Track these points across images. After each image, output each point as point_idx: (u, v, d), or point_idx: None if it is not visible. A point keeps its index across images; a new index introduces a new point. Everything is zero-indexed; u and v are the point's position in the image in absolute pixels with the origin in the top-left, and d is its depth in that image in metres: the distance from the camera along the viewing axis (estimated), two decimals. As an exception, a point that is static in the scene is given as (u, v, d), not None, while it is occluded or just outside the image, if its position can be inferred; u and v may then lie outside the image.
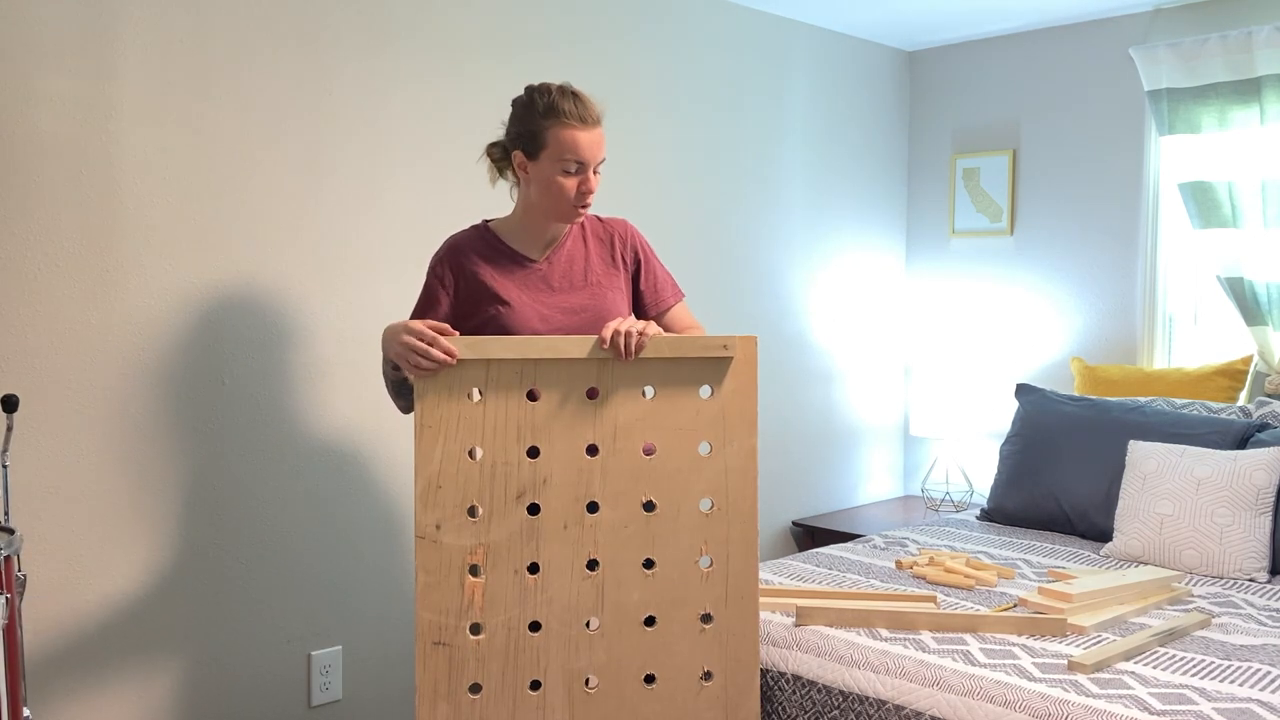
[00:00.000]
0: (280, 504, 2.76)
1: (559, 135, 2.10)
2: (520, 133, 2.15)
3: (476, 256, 2.21)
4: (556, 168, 2.12)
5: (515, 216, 2.25)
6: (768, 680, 2.35)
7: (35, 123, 2.34)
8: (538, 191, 2.16)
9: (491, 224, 2.27)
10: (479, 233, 2.25)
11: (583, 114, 2.12)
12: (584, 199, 2.15)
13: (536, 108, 2.13)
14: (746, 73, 3.84)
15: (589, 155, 2.12)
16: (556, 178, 2.12)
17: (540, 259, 2.24)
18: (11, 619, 1.89)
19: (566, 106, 2.11)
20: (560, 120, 2.10)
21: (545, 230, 2.23)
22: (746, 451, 2.04)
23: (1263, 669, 2.18)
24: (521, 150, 2.15)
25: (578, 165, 2.12)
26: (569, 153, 2.10)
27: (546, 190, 2.14)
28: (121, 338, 2.49)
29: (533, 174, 2.15)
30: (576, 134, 2.10)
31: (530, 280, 2.21)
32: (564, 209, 2.16)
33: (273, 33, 2.68)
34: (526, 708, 1.97)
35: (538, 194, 2.16)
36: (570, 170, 2.12)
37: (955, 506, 4.21)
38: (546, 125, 2.11)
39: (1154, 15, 3.82)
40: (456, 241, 2.24)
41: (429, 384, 1.95)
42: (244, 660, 2.71)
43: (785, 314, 4.04)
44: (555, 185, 2.13)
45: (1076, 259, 4.06)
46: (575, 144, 2.11)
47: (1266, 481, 2.94)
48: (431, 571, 1.94)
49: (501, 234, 2.25)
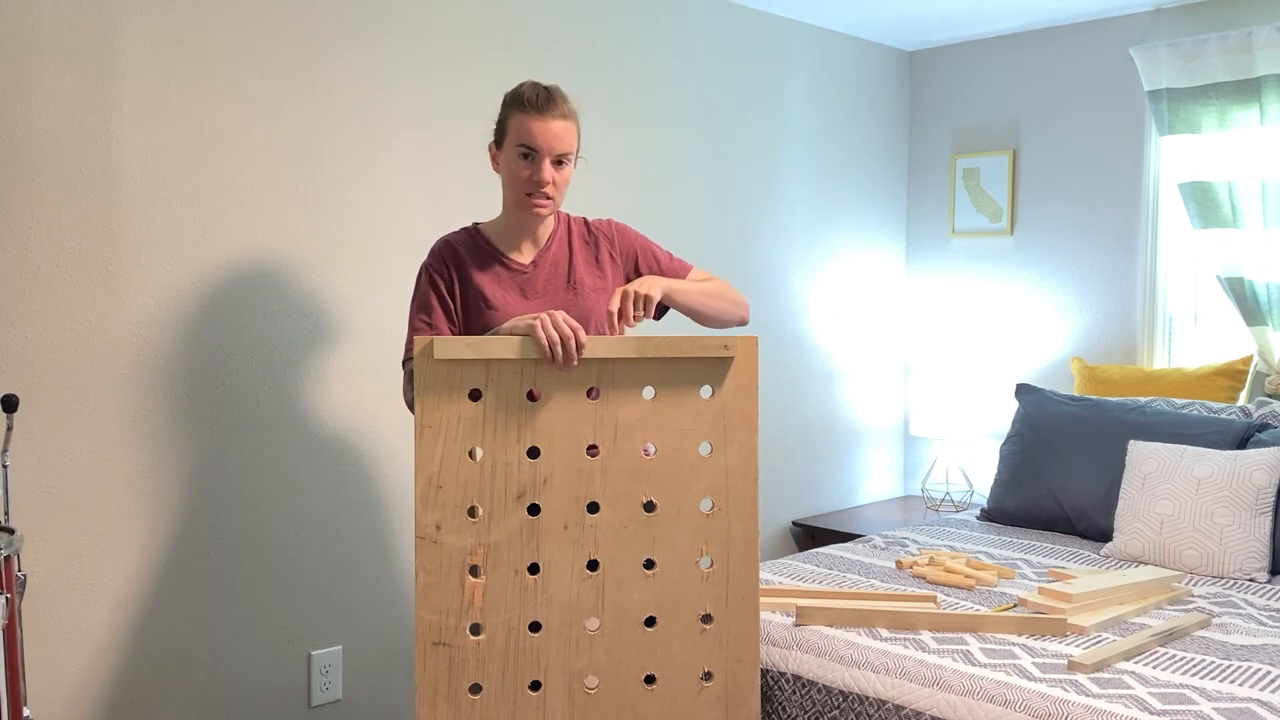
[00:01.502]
0: (281, 504, 2.76)
1: (517, 122, 2.15)
2: (496, 126, 2.22)
3: (467, 258, 2.23)
4: (514, 154, 2.16)
5: (501, 219, 2.28)
6: (768, 680, 2.35)
7: (35, 123, 2.34)
8: (504, 181, 2.22)
9: (481, 226, 2.29)
10: (469, 234, 2.27)
11: (542, 104, 2.14)
12: (536, 188, 2.15)
13: (505, 100, 2.20)
14: (746, 73, 3.84)
15: (542, 143, 2.13)
16: (513, 165, 2.16)
17: (526, 262, 2.25)
18: (11, 619, 1.89)
19: (528, 96, 2.15)
20: (519, 108, 2.15)
21: (526, 229, 2.24)
22: (747, 451, 2.04)
23: (1263, 669, 2.18)
24: (494, 142, 2.22)
25: (530, 151, 2.14)
26: (524, 138, 2.13)
27: (509, 181, 2.19)
28: (121, 337, 2.49)
29: (501, 165, 2.21)
30: (531, 122, 2.13)
31: (515, 283, 2.23)
32: (520, 198, 2.18)
33: (272, 33, 2.68)
34: (527, 708, 1.97)
35: (504, 184, 2.22)
36: (525, 155, 2.15)
37: (955, 506, 4.21)
38: (509, 114, 2.17)
39: (1154, 15, 3.82)
40: (449, 242, 2.26)
41: (429, 384, 1.95)
42: (244, 660, 2.71)
43: (785, 314, 4.04)
44: (514, 175, 2.17)
45: (1076, 259, 4.06)
46: (529, 130, 2.13)
47: (1266, 481, 2.94)
48: (432, 572, 1.94)
49: (489, 236, 2.26)
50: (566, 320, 1.96)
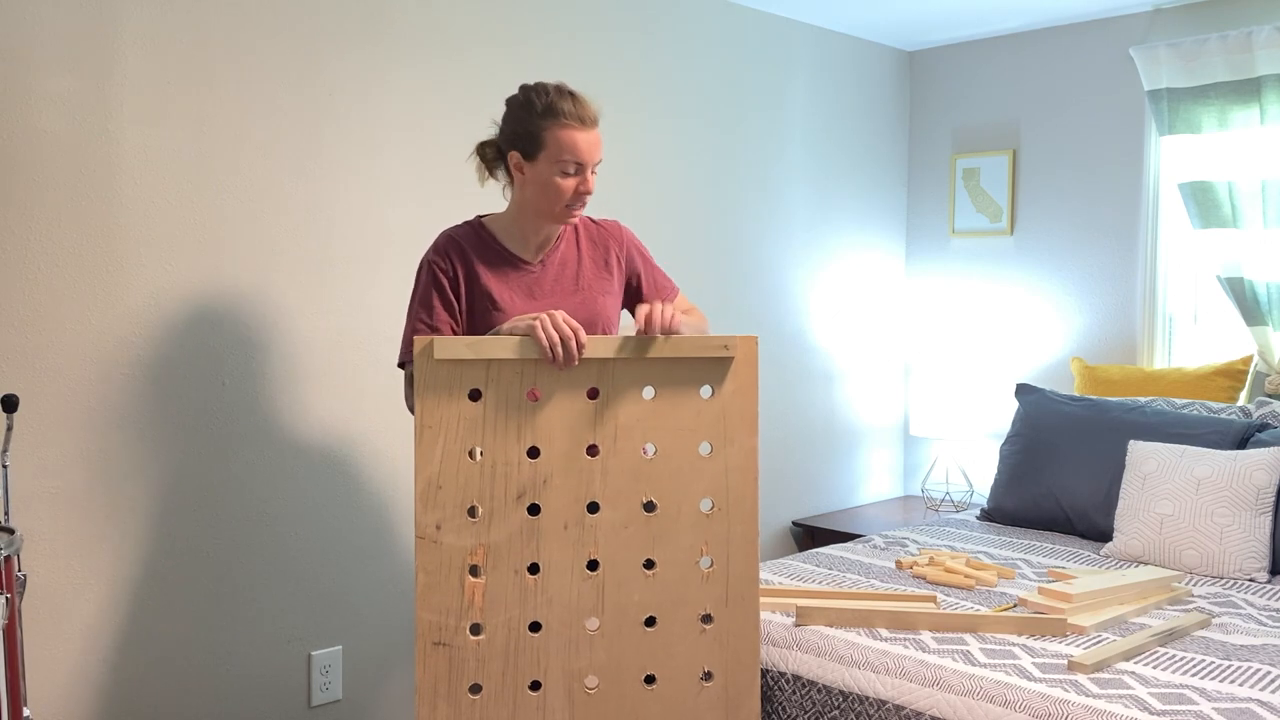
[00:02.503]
0: (280, 504, 2.76)
1: (558, 136, 2.08)
2: (517, 133, 2.13)
3: (473, 254, 2.18)
4: (555, 169, 2.10)
5: (509, 216, 2.23)
6: (768, 680, 2.35)
7: (35, 123, 2.34)
8: (534, 192, 2.14)
9: (485, 221, 2.24)
10: (474, 230, 2.22)
11: (581, 114, 2.10)
12: (580, 200, 2.14)
13: (534, 108, 2.11)
14: (746, 73, 3.84)
15: (587, 156, 2.11)
16: (554, 179, 2.10)
17: (534, 261, 2.22)
18: (11, 619, 1.89)
19: (565, 107, 2.09)
20: (559, 121, 2.08)
21: (539, 231, 2.21)
22: (747, 451, 2.04)
23: (1263, 669, 2.18)
24: (519, 151, 2.13)
25: (576, 166, 2.11)
26: (568, 154, 2.09)
27: (543, 191, 2.13)
28: (121, 338, 2.49)
29: (529, 175, 2.13)
30: (575, 135, 2.09)
31: (523, 283, 2.20)
32: (559, 210, 2.15)
33: (272, 33, 2.68)
34: (526, 708, 1.97)
35: (534, 195, 2.14)
36: (569, 171, 2.10)
37: (955, 506, 4.21)
38: (545, 126, 2.09)
39: (1154, 15, 3.82)
40: (454, 237, 2.20)
41: (429, 384, 1.95)
42: (244, 660, 2.71)
43: (785, 314, 4.04)
44: (553, 186, 2.11)
45: (1076, 259, 4.06)
46: (574, 145, 2.09)
47: (1266, 481, 2.94)
48: (432, 572, 1.94)
49: (496, 232, 2.22)
50: (566, 320, 1.96)
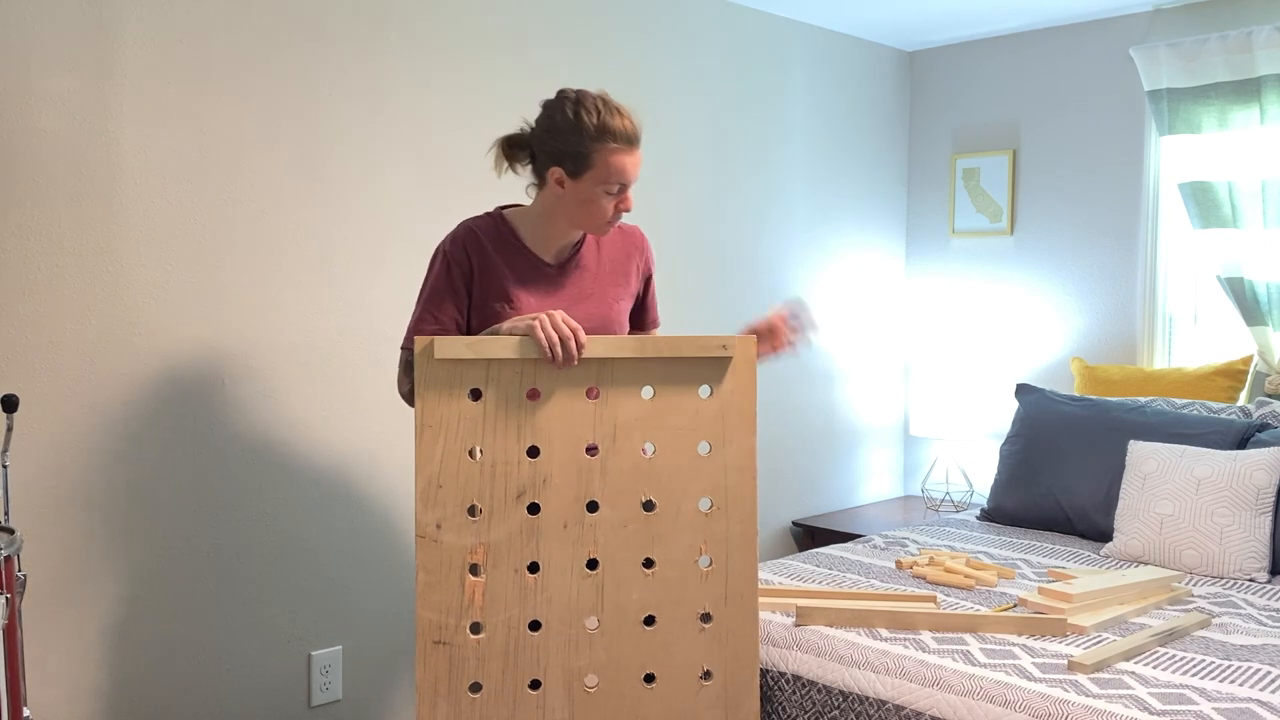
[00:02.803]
0: (280, 504, 2.76)
1: (608, 160, 2.06)
2: (564, 151, 2.07)
3: (492, 248, 2.15)
4: (599, 190, 2.08)
5: (534, 216, 2.19)
6: (768, 680, 2.35)
7: (35, 123, 2.34)
8: (573, 206, 2.11)
9: (508, 215, 2.20)
10: (495, 223, 2.18)
11: (630, 136, 2.08)
12: (619, 216, 2.15)
13: (585, 129, 2.05)
14: (746, 73, 3.84)
15: (633, 178, 2.10)
16: (598, 199, 2.09)
17: (553, 263, 2.20)
18: (11, 619, 1.89)
19: (615, 127, 2.06)
20: (610, 144, 2.05)
21: (564, 235, 2.19)
22: (746, 451, 2.04)
23: (1263, 669, 2.18)
24: (563, 168, 2.09)
25: (620, 187, 2.10)
26: (616, 177, 2.07)
27: (583, 207, 2.10)
28: (121, 338, 2.49)
29: (570, 190, 2.10)
30: (624, 159, 2.07)
31: (540, 284, 2.18)
32: (598, 225, 2.14)
33: (272, 32, 2.68)
34: (526, 707, 1.97)
35: (573, 209, 2.12)
36: (613, 192, 2.09)
37: (955, 506, 4.21)
38: (595, 149, 2.05)
39: (1154, 15, 3.82)
40: (474, 228, 2.17)
41: (429, 384, 1.95)
42: (244, 660, 2.71)
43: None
44: (595, 205, 2.10)
45: (1076, 259, 4.06)
46: (623, 169, 2.08)
47: (1266, 481, 2.94)
48: (432, 571, 1.94)
49: (517, 228, 2.19)
50: (566, 320, 1.96)
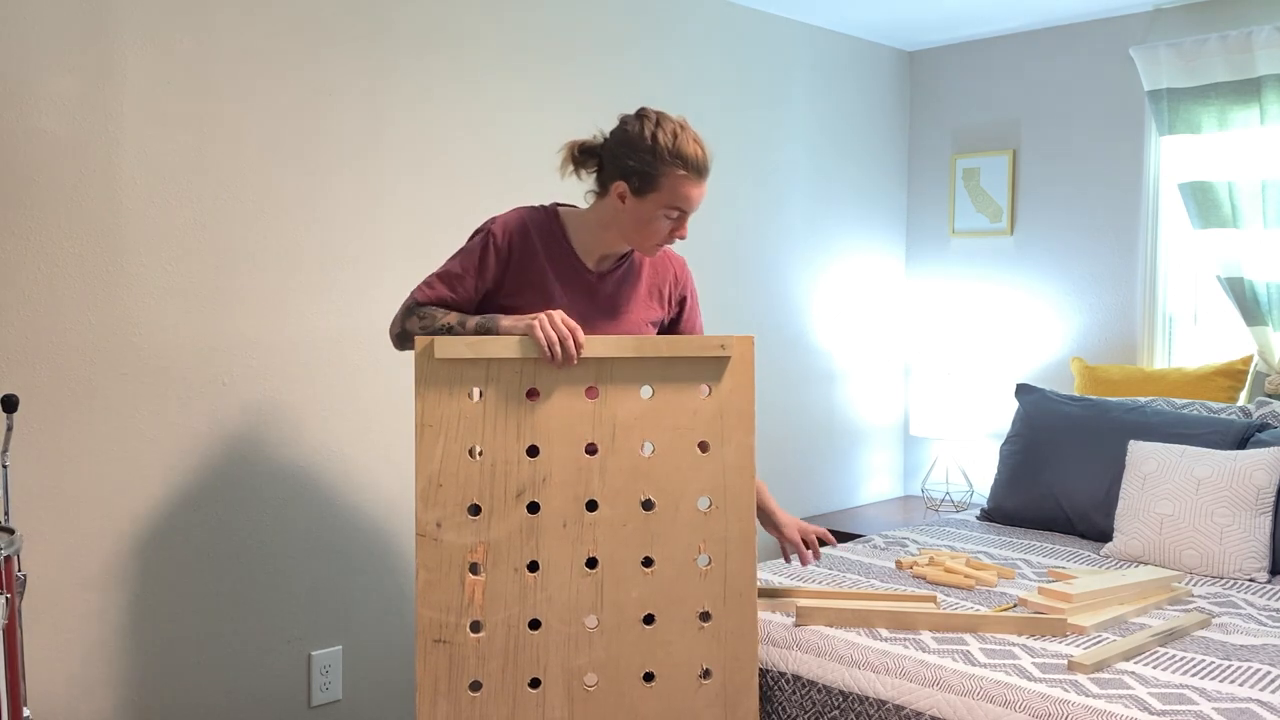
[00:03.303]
0: (280, 504, 2.76)
1: (676, 186, 2.09)
2: (633, 168, 2.09)
3: (539, 241, 2.17)
4: (660, 212, 2.11)
5: (586, 222, 2.21)
6: (767, 680, 2.35)
7: (35, 123, 2.35)
8: (630, 223, 2.14)
9: (561, 213, 2.22)
10: (549, 219, 2.20)
11: (701, 166, 2.11)
12: (671, 242, 2.18)
13: (659, 149, 2.08)
14: (746, 73, 3.84)
15: (695, 206, 2.14)
16: (656, 220, 2.12)
17: (594, 270, 2.22)
18: (11, 619, 1.89)
19: (689, 153, 2.09)
20: (680, 170, 2.09)
21: (611, 247, 2.21)
22: (744, 450, 2.04)
23: (1263, 669, 2.18)
24: (628, 184, 2.11)
25: (680, 214, 2.13)
26: (680, 203, 2.10)
27: (640, 225, 2.13)
28: (121, 338, 2.49)
29: (630, 207, 2.12)
30: (691, 188, 2.10)
31: (577, 290, 2.20)
32: (649, 246, 2.17)
33: (273, 32, 2.68)
34: (526, 706, 1.97)
35: (629, 225, 2.14)
36: (672, 216, 2.12)
37: (955, 506, 4.21)
38: (665, 170, 2.08)
39: (1154, 15, 3.83)
40: (527, 218, 2.19)
41: (429, 383, 1.95)
42: (244, 660, 2.71)
43: (785, 314, 4.04)
44: (653, 226, 2.12)
45: (1076, 259, 4.06)
46: (688, 197, 2.11)
47: (1266, 481, 2.94)
48: (432, 569, 1.94)
49: (568, 229, 2.21)
50: (565, 320, 1.97)
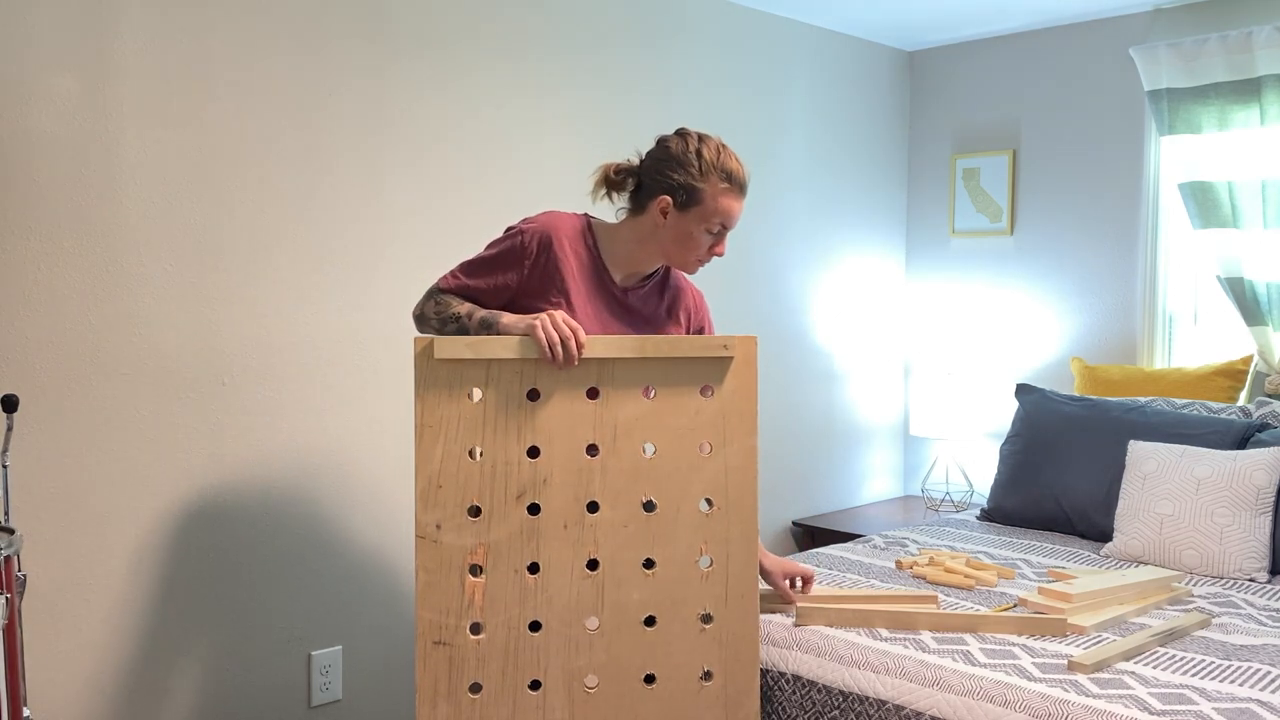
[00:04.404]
0: (280, 504, 2.76)
1: (719, 201, 2.13)
2: (679, 184, 2.13)
3: (570, 249, 2.18)
4: (701, 226, 2.14)
5: (620, 238, 2.22)
6: (768, 680, 2.35)
7: (35, 123, 2.34)
8: (671, 239, 2.16)
9: (594, 225, 2.24)
10: (580, 227, 2.21)
11: (742, 182, 2.16)
12: (710, 259, 2.20)
13: (707, 166, 2.13)
14: (746, 73, 3.84)
15: (735, 223, 2.18)
16: (697, 234, 2.15)
17: (620, 285, 2.23)
18: (11, 619, 1.89)
19: (733, 169, 2.14)
20: (724, 184, 2.13)
21: (642, 264, 2.23)
22: (746, 451, 2.04)
23: (1263, 669, 2.18)
24: (672, 199, 2.14)
25: (720, 229, 2.16)
26: (722, 218, 2.14)
27: (682, 241, 2.16)
28: (121, 337, 2.49)
29: (672, 222, 2.15)
30: (733, 204, 2.15)
31: (602, 301, 2.20)
32: (688, 261, 2.20)
33: (273, 32, 2.68)
34: (526, 707, 1.97)
35: (669, 241, 2.17)
36: (713, 231, 2.15)
37: (955, 506, 4.21)
38: (710, 185, 2.12)
39: (1154, 15, 3.82)
40: (558, 223, 2.19)
41: (429, 384, 1.95)
42: (244, 660, 2.71)
43: (786, 314, 4.04)
44: (693, 241, 2.16)
45: (1076, 259, 4.06)
46: (730, 212, 2.15)
47: (1266, 481, 2.94)
48: (432, 571, 1.94)
49: (599, 241, 2.22)
50: (566, 320, 1.97)
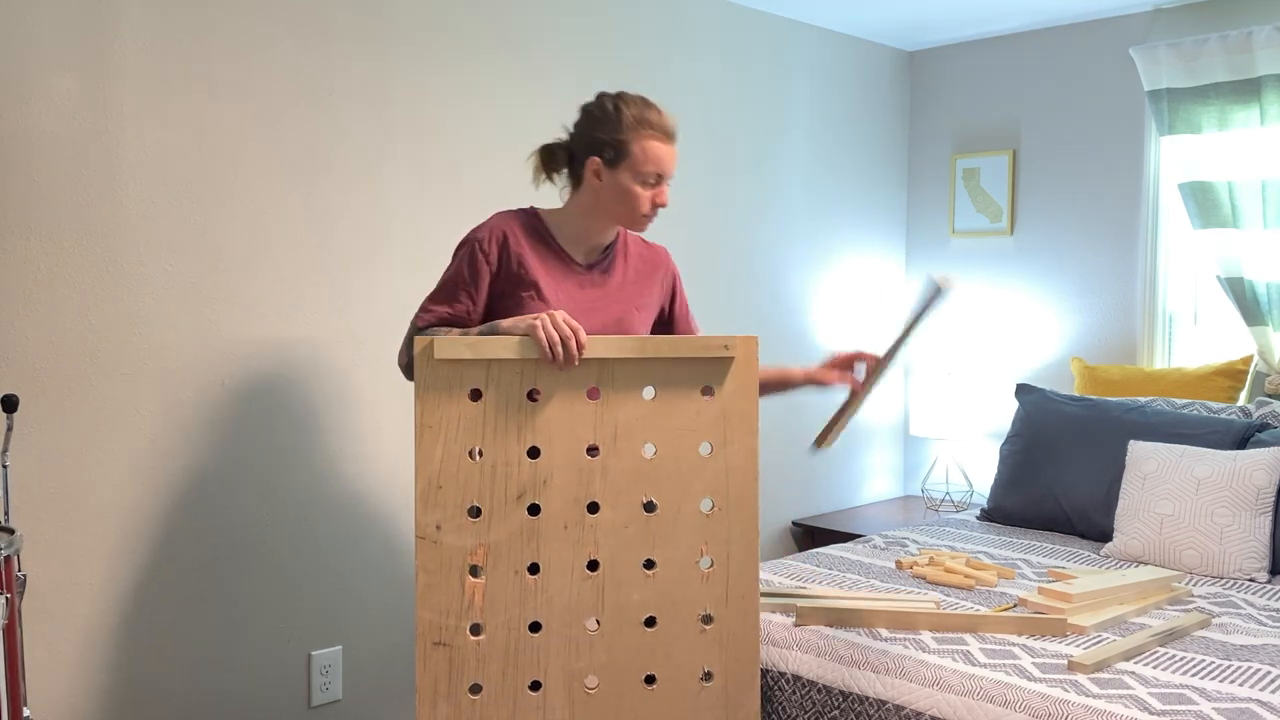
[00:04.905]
0: (280, 504, 2.76)
1: (645, 147, 2.14)
2: (602, 141, 2.15)
3: (525, 242, 2.20)
4: (636, 178, 2.15)
5: (569, 216, 2.24)
6: (768, 680, 2.35)
7: (35, 123, 2.34)
8: (610, 198, 2.18)
9: (541, 213, 2.26)
10: (529, 218, 2.23)
11: (667, 128, 2.17)
12: (655, 210, 2.20)
13: (623, 118, 2.15)
14: (746, 73, 3.84)
15: (668, 169, 2.17)
16: (634, 188, 2.15)
17: (583, 263, 2.24)
18: (11, 619, 1.89)
19: (653, 118, 2.15)
20: (648, 132, 2.14)
21: (598, 235, 2.24)
22: (747, 452, 2.03)
23: (1263, 669, 2.18)
24: (600, 158, 2.16)
25: (656, 178, 2.16)
26: (652, 165, 2.15)
27: (621, 199, 2.17)
28: (121, 338, 2.49)
29: (607, 181, 2.17)
30: (660, 147, 2.15)
31: (568, 282, 2.21)
32: (635, 218, 2.20)
33: (273, 31, 2.68)
34: (527, 708, 1.97)
35: (610, 201, 2.18)
36: (649, 182, 2.16)
37: (955, 506, 4.21)
38: (633, 137, 2.14)
39: (1154, 15, 3.82)
40: (506, 220, 2.21)
41: (429, 384, 1.95)
42: (244, 660, 2.71)
43: (785, 314, 4.04)
44: (632, 195, 2.16)
45: (1076, 259, 4.06)
46: (659, 157, 2.15)
47: (1266, 481, 2.94)
48: (432, 572, 1.94)
49: (551, 226, 2.24)
50: (567, 320, 1.97)
